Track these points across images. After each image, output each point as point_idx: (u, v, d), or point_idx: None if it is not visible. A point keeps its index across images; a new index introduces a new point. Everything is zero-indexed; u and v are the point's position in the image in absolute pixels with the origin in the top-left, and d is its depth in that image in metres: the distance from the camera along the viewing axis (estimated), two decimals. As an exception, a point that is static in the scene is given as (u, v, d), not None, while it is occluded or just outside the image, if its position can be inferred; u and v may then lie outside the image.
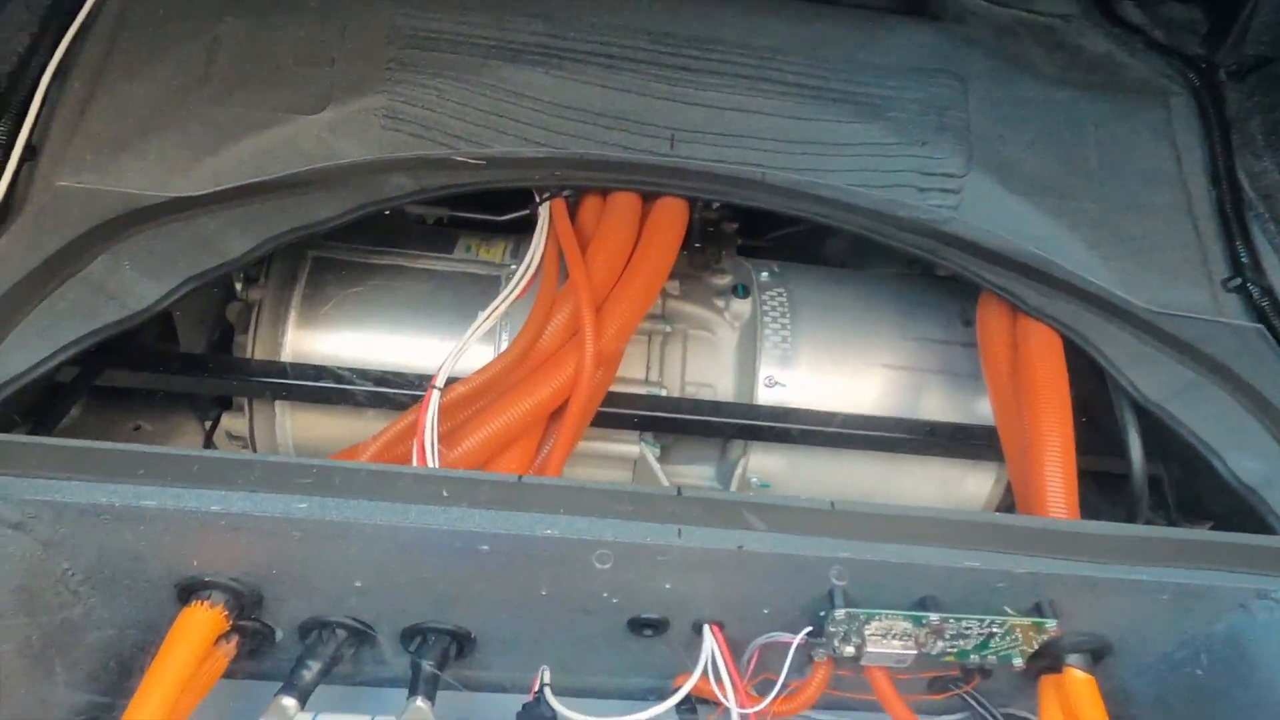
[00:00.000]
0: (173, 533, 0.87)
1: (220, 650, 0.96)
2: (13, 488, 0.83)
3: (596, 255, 1.29)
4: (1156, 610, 0.98)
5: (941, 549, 0.92)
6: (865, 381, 1.48)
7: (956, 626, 0.96)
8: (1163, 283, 1.30)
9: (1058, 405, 1.15)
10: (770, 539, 0.91)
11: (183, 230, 1.13)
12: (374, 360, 1.38)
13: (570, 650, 1.04)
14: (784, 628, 0.99)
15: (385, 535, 0.87)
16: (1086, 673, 1.01)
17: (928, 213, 1.34)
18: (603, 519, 0.89)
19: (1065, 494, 1.10)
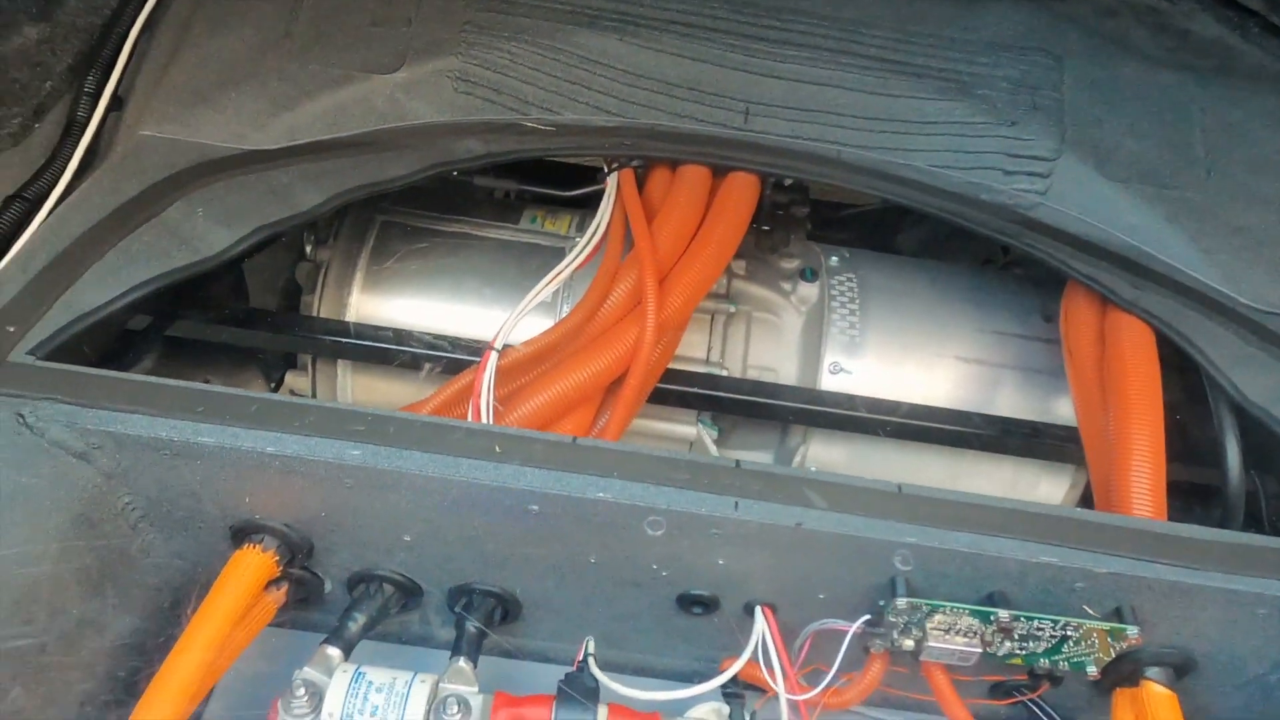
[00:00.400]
0: (228, 471, 0.87)
1: (270, 597, 0.97)
2: (78, 416, 0.84)
3: (663, 227, 1.26)
4: (1252, 626, 0.91)
5: (1016, 541, 0.87)
6: (936, 373, 1.42)
7: (1028, 626, 0.90)
8: (1271, 279, 1.21)
9: (1149, 404, 1.08)
10: (831, 518, 0.86)
11: (256, 182, 1.14)
12: (436, 325, 1.37)
13: (616, 623, 1.02)
14: (840, 615, 0.95)
15: (436, 488, 0.86)
16: (1167, 688, 0.94)
17: (1013, 197, 1.27)
18: (657, 486, 0.87)
19: (1153, 497, 1.02)
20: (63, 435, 0.84)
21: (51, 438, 0.84)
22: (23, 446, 0.83)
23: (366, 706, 0.89)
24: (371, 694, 0.89)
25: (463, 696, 0.90)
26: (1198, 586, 0.86)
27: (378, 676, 0.91)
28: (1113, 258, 1.22)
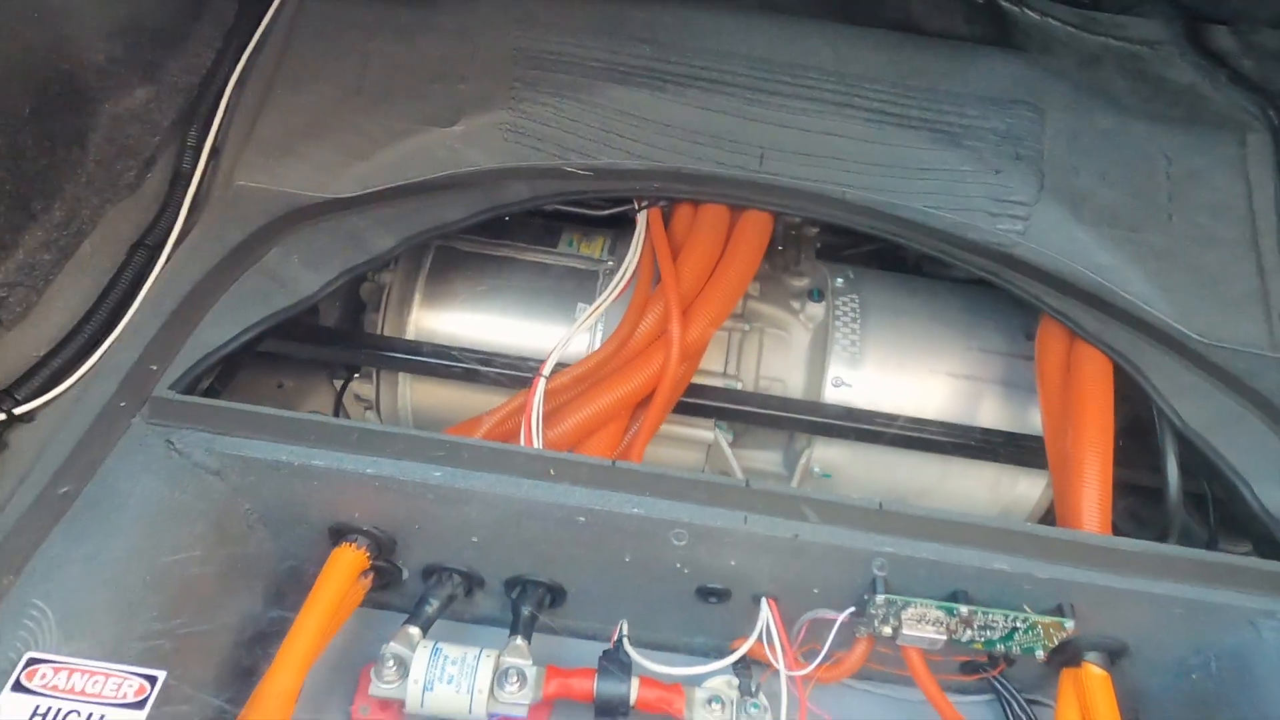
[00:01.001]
0: (332, 486, 1.07)
1: (360, 584, 1.17)
2: (215, 443, 1.04)
3: (686, 262, 1.44)
4: (1171, 621, 1.10)
5: (975, 550, 1.06)
6: (927, 386, 1.60)
7: (984, 619, 1.10)
8: (1220, 316, 1.38)
9: (1100, 429, 1.26)
10: (823, 530, 1.06)
11: (337, 228, 1.32)
12: (485, 339, 1.56)
13: (645, 609, 1.22)
14: (831, 606, 1.15)
15: (501, 502, 1.06)
16: (1103, 670, 1.14)
17: (996, 236, 1.44)
18: (681, 502, 1.06)
19: (1100, 509, 1.21)
20: (203, 458, 1.04)
21: (194, 460, 1.04)
22: (173, 468, 1.03)
23: (444, 675, 1.10)
24: (448, 665, 1.10)
25: (520, 668, 1.11)
26: (1125, 590, 1.05)
27: (452, 651, 1.12)
28: (1081, 294, 1.39)
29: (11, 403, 1.06)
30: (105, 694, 0.82)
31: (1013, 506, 1.66)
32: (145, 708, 0.83)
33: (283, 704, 0.99)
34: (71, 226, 1.24)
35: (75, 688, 0.83)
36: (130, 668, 0.85)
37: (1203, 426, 1.25)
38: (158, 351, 1.12)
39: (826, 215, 1.47)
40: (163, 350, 1.13)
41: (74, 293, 1.19)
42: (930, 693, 1.20)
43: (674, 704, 1.11)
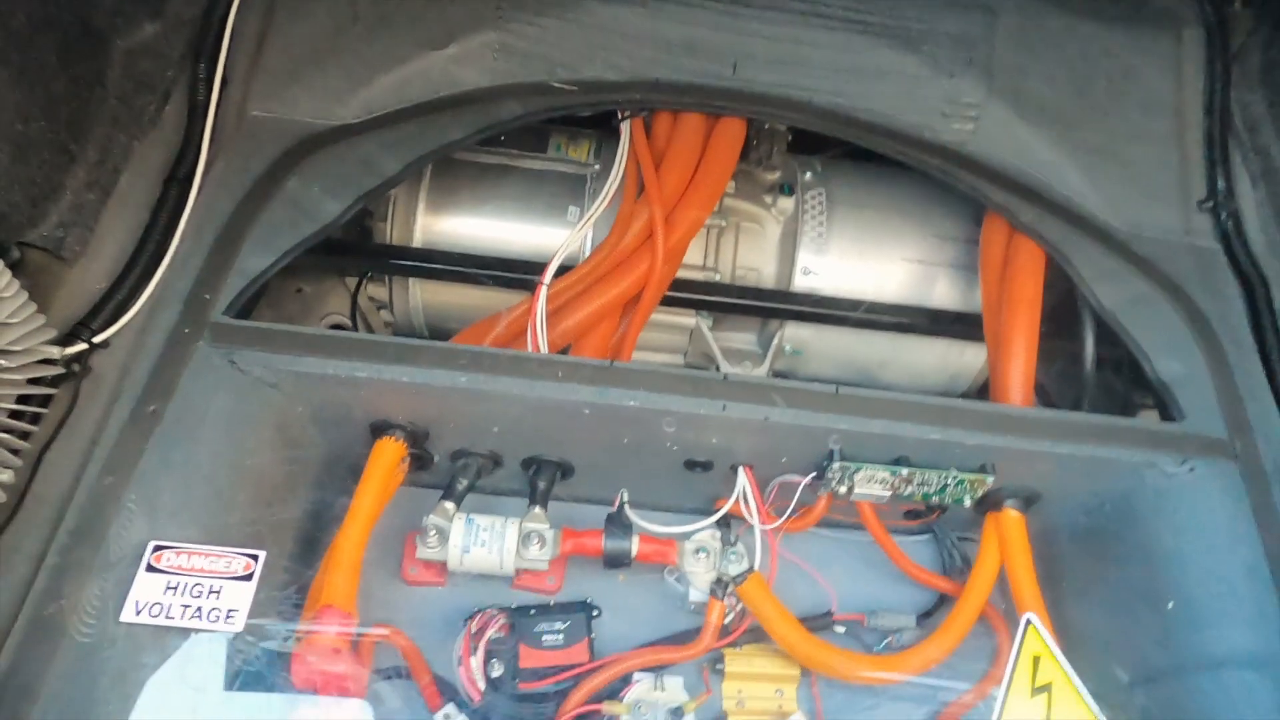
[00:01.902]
0: (373, 392, 1.26)
1: (400, 469, 1.39)
2: (272, 361, 1.22)
3: (668, 170, 1.58)
4: (1073, 473, 1.34)
5: (914, 424, 1.28)
6: (887, 272, 1.78)
7: (921, 477, 1.33)
8: (1143, 205, 1.55)
9: (1029, 312, 1.46)
10: (788, 413, 1.27)
11: (348, 154, 1.44)
12: (486, 242, 1.71)
13: (641, 479, 1.45)
14: (797, 471, 1.38)
15: (517, 400, 1.26)
16: (1019, 513, 1.39)
17: (950, 135, 1.58)
18: (670, 394, 1.26)
19: (1023, 382, 1.43)
20: (263, 374, 1.22)
21: (255, 376, 1.22)
22: (239, 384, 1.21)
23: (478, 540, 1.33)
24: (480, 532, 1.33)
25: (540, 532, 1.35)
26: (1033, 451, 1.28)
27: (483, 520, 1.35)
28: (1022, 189, 1.55)
29: (89, 333, 1.22)
30: (220, 570, 1.04)
31: (959, 374, 1.88)
32: (253, 580, 1.05)
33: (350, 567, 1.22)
34: (108, 164, 1.36)
35: (196, 566, 1.04)
36: (235, 549, 1.07)
37: (1118, 308, 1.45)
38: (208, 280, 1.28)
39: (795, 120, 1.60)
40: (212, 279, 1.28)
41: (121, 228, 1.33)
42: (879, 537, 1.45)
43: (668, 555, 1.36)
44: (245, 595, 1.04)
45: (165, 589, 1.03)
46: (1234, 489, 1.27)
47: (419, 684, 1.29)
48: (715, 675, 1.39)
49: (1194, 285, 1.47)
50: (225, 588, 1.04)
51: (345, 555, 1.23)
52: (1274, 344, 1.42)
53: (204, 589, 1.03)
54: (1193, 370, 1.39)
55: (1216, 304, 1.46)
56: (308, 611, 1.20)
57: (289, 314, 1.84)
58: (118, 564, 1.05)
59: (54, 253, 1.26)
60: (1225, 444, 1.31)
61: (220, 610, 1.02)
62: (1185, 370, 1.38)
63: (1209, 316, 1.44)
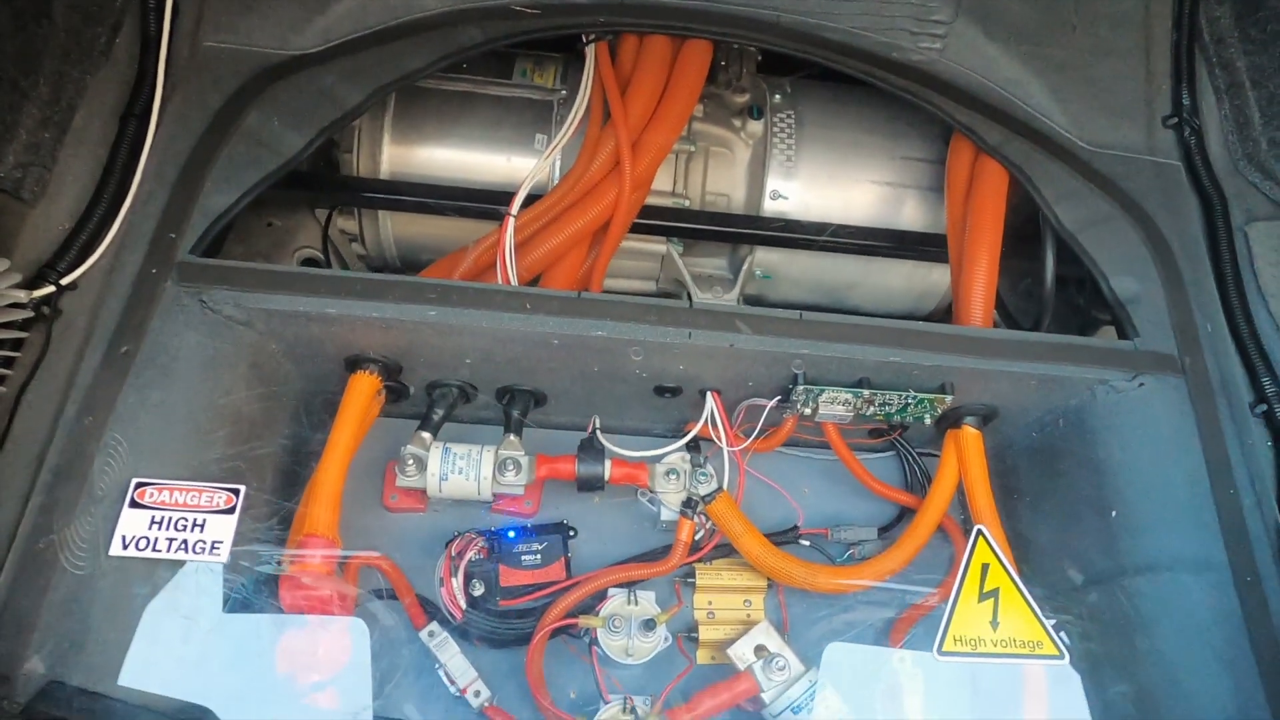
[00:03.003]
0: (345, 328, 1.28)
1: (376, 401, 1.42)
2: (242, 299, 1.23)
3: (634, 95, 1.57)
4: (1027, 391, 1.38)
5: (874, 347, 1.31)
6: (854, 194, 1.79)
7: (883, 397, 1.38)
8: (1107, 123, 1.55)
9: (991, 234, 1.48)
10: (753, 339, 1.30)
11: (308, 85, 1.42)
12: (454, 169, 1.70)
13: (613, 405, 1.49)
14: (763, 395, 1.42)
15: (487, 333, 1.28)
16: (977, 430, 1.44)
17: (918, 53, 1.57)
18: (637, 324, 1.29)
19: (983, 302, 1.46)
20: (233, 312, 1.24)
21: (226, 314, 1.24)
22: (210, 323, 1.23)
23: (455, 468, 1.37)
24: (457, 460, 1.37)
25: (515, 458, 1.39)
26: (990, 370, 1.32)
27: (459, 449, 1.39)
28: (988, 108, 1.55)
29: (56, 275, 1.22)
30: (203, 504, 1.08)
31: (926, 293, 1.92)
32: (236, 513, 1.09)
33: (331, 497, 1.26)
34: (61, 101, 1.33)
35: (179, 501, 1.08)
36: (217, 484, 1.10)
37: (1078, 228, 1.47)
38: (172, 219, 1.28)
39: (762, 41, 1.58)
40: (176, 218, 1.28)
41: (80, 166, 1.31)
42: (843, 455, 1.51)
43: (639, 477, 1.41)
44: (228, 527, 1.08)
45: (150, 523, 1.07)
46: (1180, 403, 1.32)
47: (404, 604, 1.35)
48: (687, 588, 1.46)
49: (1154, 204, 1.49)
50: (209, 521, 1.08)
51: (326, 486, 1.27)
52: (1228, 261, 1.45)
53: (188, 522, 1.07)
54: (1148, 289, 1.42)
55: (1175, 222, 1.49)
56: (292, 541, 1.25)
57: (260, 249, 1.84)
58: (103, 500, 1.09)
59: (13, 194, 1.25)
60: (1174, 360, 1.35)
61: (205, 542, 1.06)
62: (1141, 289, 1.42)
63: (1167, 235, 1.47)
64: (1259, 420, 1.32)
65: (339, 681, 1.24)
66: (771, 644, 1.32)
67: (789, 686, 1.27)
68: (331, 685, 1.20)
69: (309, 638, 1.19)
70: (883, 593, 1.42)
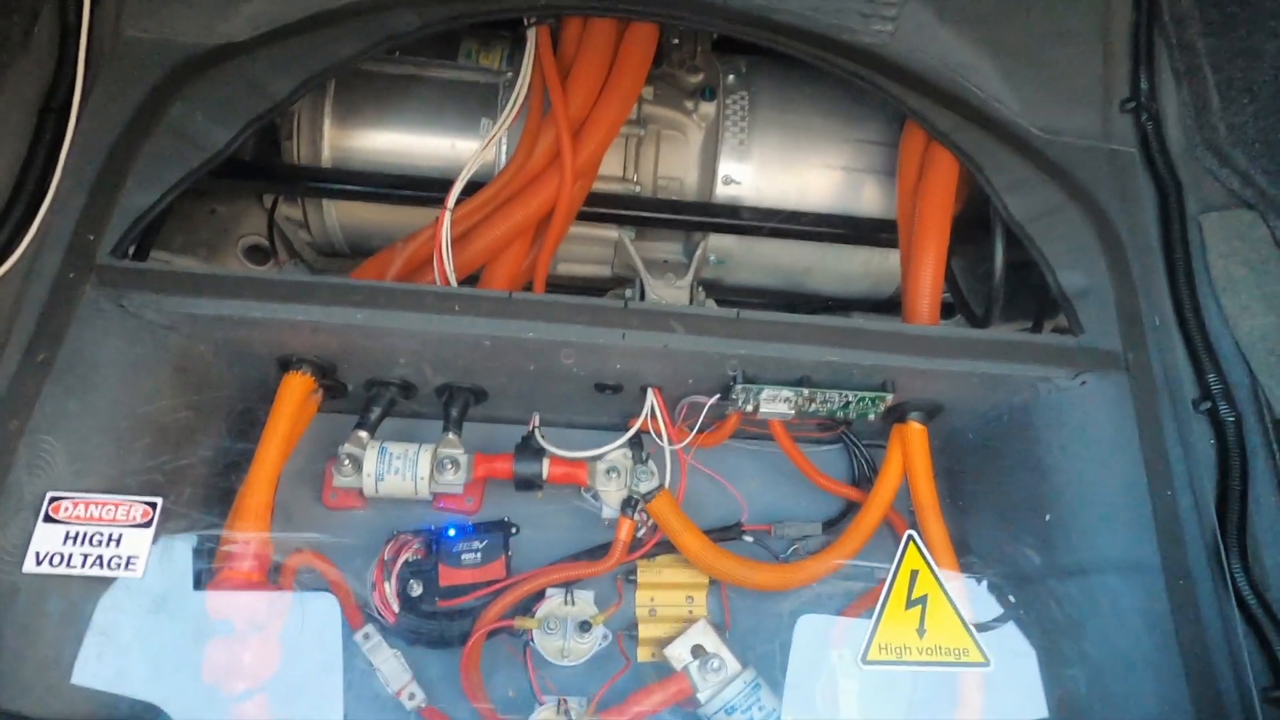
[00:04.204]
0: (272, 331, 1.26)
1: (312, 399, 1.40)
2: (163, 303, 1.21)
3: (576, 80, 1.52)
4: (972, 388, 1.37)
5: (811, 347, 1.29)
6: (809, 179, 1.75)
7: (824, 396, 1.36)
8: (1062, 109, 1.51)
9: (938, 225, 1.45)
10: (688, 340, 1.28)
11: (235, 76, 1.38)
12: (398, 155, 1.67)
13: (554, 400, 1.47)
14: (703, 392, 1.40)
15: (417, 336, 1.26)
16: (922, 425, 1.42)
17: (869, 36, 1.52)
18: (569, 325, 1.26)
19: (929, 298, 1.44)
20: (155, 316, 1.21)
21: (146, 319, 1.21)
22: (130, 328, 1.20)
23: (391, 468, 1.36)
24: (393, 460, 1.36)
25: (454, 457, 1.37)
26: (931, 370, 1.30)
27: (395, 449, 1.37)
28: (940, 94, 1.51)
29: (-30, 279, 1.20)
30: (119, 518, 1.07)
31: (883, 278, 1.89)
32: (152, 526, 1.08)
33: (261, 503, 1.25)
34: (-25, 94, 1.29)
35: (94, 515, 1.07)
36: (133, 497, 1.09)
37: (1027, 218, 1.44)
38: (91, 220, 1.24)
39: (708, 24, 1.52)
40: (96, 218, 1.24)
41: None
42: (788, 450, 1.50)
43: (579, 476, 1.40)
44: (144, 541, 1.07)
45: (65, 539, 1.06)
46: (1122, 401, 1.30)
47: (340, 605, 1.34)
48: (628, 585, 1.45)
49: (1107, 193, 1.46)
50: (125, 535, 1.06)
51: (257, 489, 1.26)
52: (1180, 252, 1.42)
53: (103, 537, 1.06)
54: (1095, 283, 1.39)
55: (1128, 212, 1.46)
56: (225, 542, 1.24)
57: (203, 237, 1.81)
58: (18, 514, 1.07)
59: (-72, 193, 1.21)
60: (1118, 357, 1.33)
61: (121, 557, 1.05)
62: (1088, 283, 1.39)
63: (1118, 226, 1.44)
64: (1202, 417, 1.31)
65: (310, 661, 1.26)
66: (709, 643, 1.32)
67: (724, 687, 1.28)
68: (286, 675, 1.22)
69: (238, 643, 1.19)
70: (827, 586, 1.42)
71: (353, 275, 1.49)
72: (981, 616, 1.19)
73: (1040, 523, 1.29)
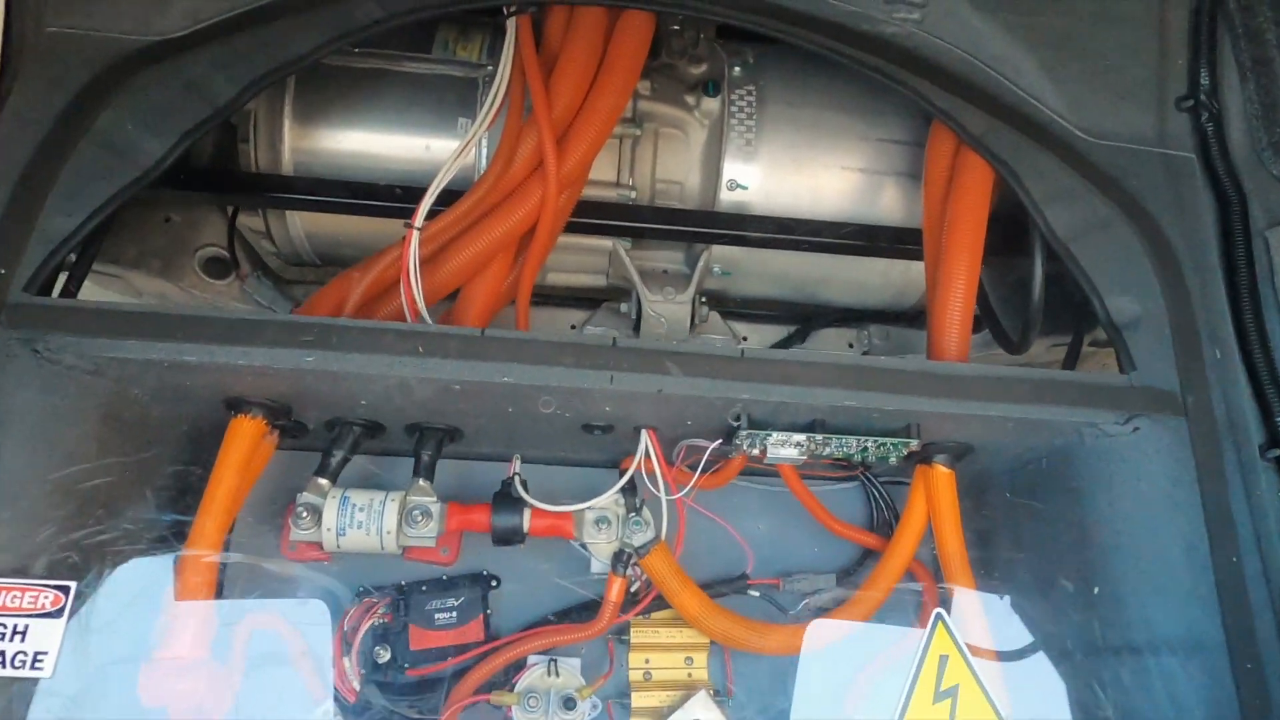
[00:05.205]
0: (211, 375, 1.10)
1: (267, 440, 1.25)
2: (84, 346, 1.05)
3: (561, 77, 1.35)
4: (1007, 432, 1.21)
5: (827, 390, 1.13)
6: (824, 182, 1.58)
7: (839, 442, 1.20)
8: (1110, 106, 1.33)
9: (969, 248, 1.28)
10: (685, 383, 1.12)
11: (172, 77, 1.21)
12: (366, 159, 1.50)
13: (538, 439, 1.32)
14: (704, 435, 1.25)
15: (377, 380, 1.10)
16: (949, 469, 1.27)
17: (892, 25, 1.34)
18: (549, 367, 1.11)
19: (958, 331, 1.27)
20: (75, 361, 1.06)
21: (66, 363, 1.06)
22: (47, 375, 1.05)
23: (354, 521, 1.21)
24: (355, 513, 1.22)
25: (425, 506, 1.23)
26: (962, 414, 1.15)
27: (359, 498, 1.23)
28: (972, 91, 1.33)
29: None
30: (25, 607, 0.93)
31: (905, 289, 1.72)
32: (64, 615, 0.93)
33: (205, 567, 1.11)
34: (-126, 100, 1.13)
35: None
36: (43, 581, 0.95)
37: (1070, 234, 1.27)
38: (3, 249, 1.09)
39: (711, 13, 1.34)
40: (8, 247, 1.09)
41: (-100, 183, 1.12)
42: (799, 494, 1.35)
43: (564, 528, 1.25)
44: (54, 634, 0.92)
45: (-37, 630, 0.92)
46: (1180, 450, 1.14)
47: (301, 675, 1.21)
48: (620, 646, 1.31)
49: (1161, 204, 1.29)
50: (30, 627, 0.92)
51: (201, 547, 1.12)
52: (1244, 272, 1.25)
53: (6, 630, 0.91)
54: (1149, 310, 1.23)
55: (1184, 227, 1.28)
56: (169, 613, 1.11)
57: (156, 248, 1.65)
58: (-88, 600, 0.93)
59: None
60: (1175, 398, 1.17)
61: (26, 654, 0.91)
62: (1139, 310, 1.23)
63: (1174, 243, 1.27)
64: (1270, 466, 1.14)
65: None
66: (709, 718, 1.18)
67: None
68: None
69: None
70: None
71: (310, 301, 1.33)
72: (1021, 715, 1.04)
73: (1084, 590, 1.14)
